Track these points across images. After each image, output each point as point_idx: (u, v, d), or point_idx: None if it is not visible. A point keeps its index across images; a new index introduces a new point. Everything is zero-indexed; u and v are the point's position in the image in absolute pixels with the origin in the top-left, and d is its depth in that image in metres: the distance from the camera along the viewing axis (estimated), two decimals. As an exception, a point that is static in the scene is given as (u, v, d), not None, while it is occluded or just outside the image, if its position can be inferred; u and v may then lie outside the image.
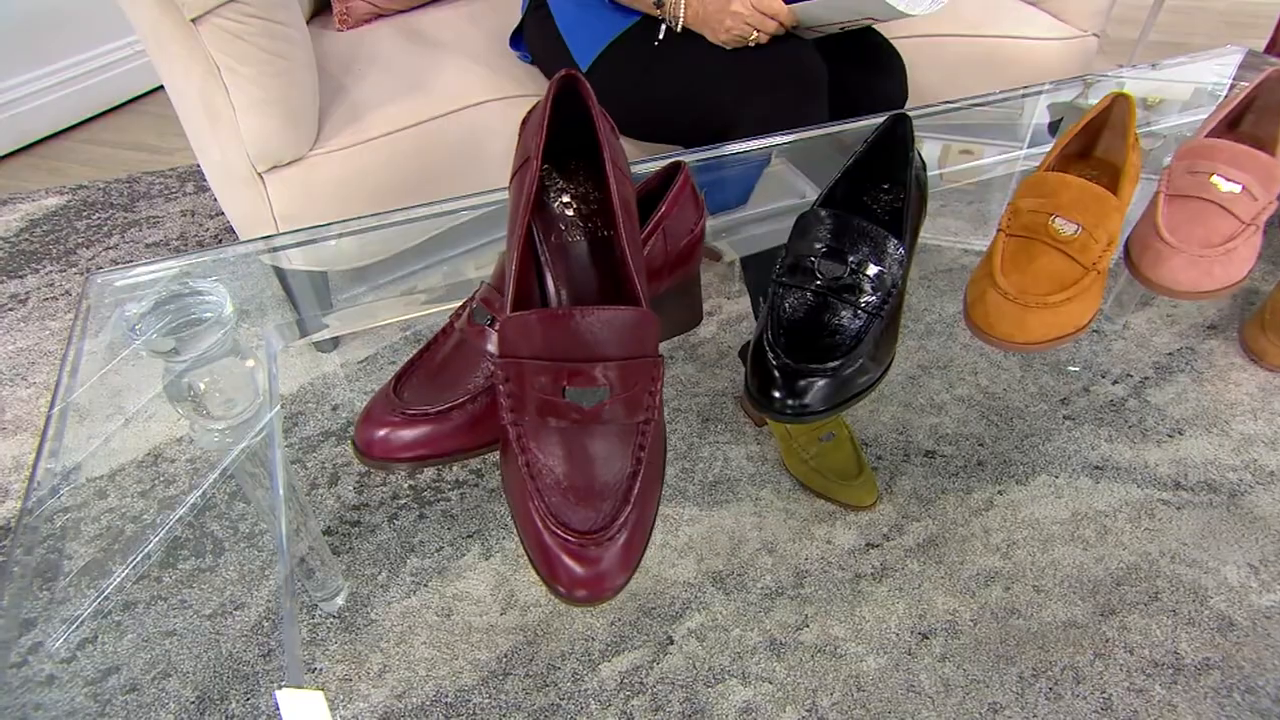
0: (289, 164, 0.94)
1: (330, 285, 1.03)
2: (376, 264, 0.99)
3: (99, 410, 0.76)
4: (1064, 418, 1.00)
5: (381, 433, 0.44)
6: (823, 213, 0.50)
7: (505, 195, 0.88)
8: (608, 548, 0.36)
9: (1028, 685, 0.74)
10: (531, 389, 0.37)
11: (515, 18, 1.16)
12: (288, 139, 0.91)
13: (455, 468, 0.98)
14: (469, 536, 0.89)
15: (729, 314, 1.26)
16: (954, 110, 0.98)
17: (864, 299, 0.48)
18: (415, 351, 0.48)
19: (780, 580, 0.85)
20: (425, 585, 0.84)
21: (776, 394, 0.46)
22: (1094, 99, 1.14)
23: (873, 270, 0.48)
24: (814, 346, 0.47)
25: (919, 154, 0.55)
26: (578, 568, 0.35)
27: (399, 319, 1.12)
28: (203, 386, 0.63)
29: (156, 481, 0.96)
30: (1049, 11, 1.22)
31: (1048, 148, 1.04)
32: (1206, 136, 0.60)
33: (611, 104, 1.10)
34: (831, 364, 0.45)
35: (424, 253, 0.97)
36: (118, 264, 1.39)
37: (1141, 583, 0.82)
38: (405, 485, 0.95)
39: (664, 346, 0.49)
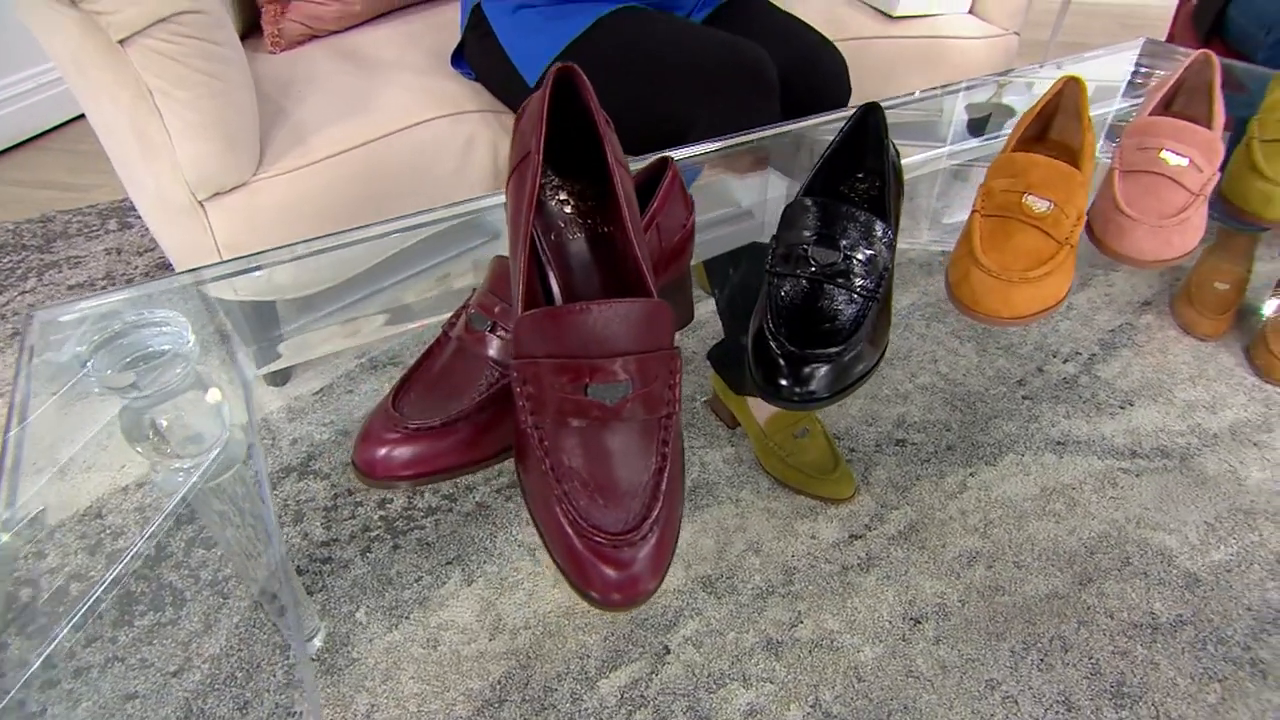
0: (231, 190, 0.90)
1: (279, 316, 0.99)
2: (325, 291, 0.95)
3: (27, 463, 0.70)
4: (1023, 398, 1.04)
5: (383, 451, 0.42)
6: (808, 201, 0.51)
7: (454, 212, 0.87)
8: (640, 548, 0.35)
9: (1020, 659, 0.76)
10: (552, 389, 0.36)
11: (454, 35, 1.15)
12: (229, 164, 0.88)
13: (427, 493, 0.95)
14: (448, 563, 0.86)
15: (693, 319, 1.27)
16: (889, 108, 1.02)
17: (858, 283, 0.48)
18: (410, 364, 0.46)
19: (770, 579, 0.85)
20: (407, 618, 0.81)
21: (783, 382, 0.46)
22: (1008, 98, 1.20)
23: (864, 254, 0.49)
24: (813, 333, 0.48)
25: (892, 142, 0.57)
26: (612, 571, 0.35)
27: (355, 345, 1.09)
28: (165, 423, 0.59)
29: (103, 535, 0.90)
30: (973, 12, 1.28)
31: (968, 145, 1.09)
32: (1149, 116, 0.64)
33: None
34: (834, 349, 0.46)
35: (376, 276, 0.94)
36: (37, 309, 1.30)
37: (1112, 549, 0.85)
38: (376, 516, 0.91)
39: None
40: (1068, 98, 0.63)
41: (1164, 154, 0.59)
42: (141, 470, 0.93)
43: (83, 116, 1.96)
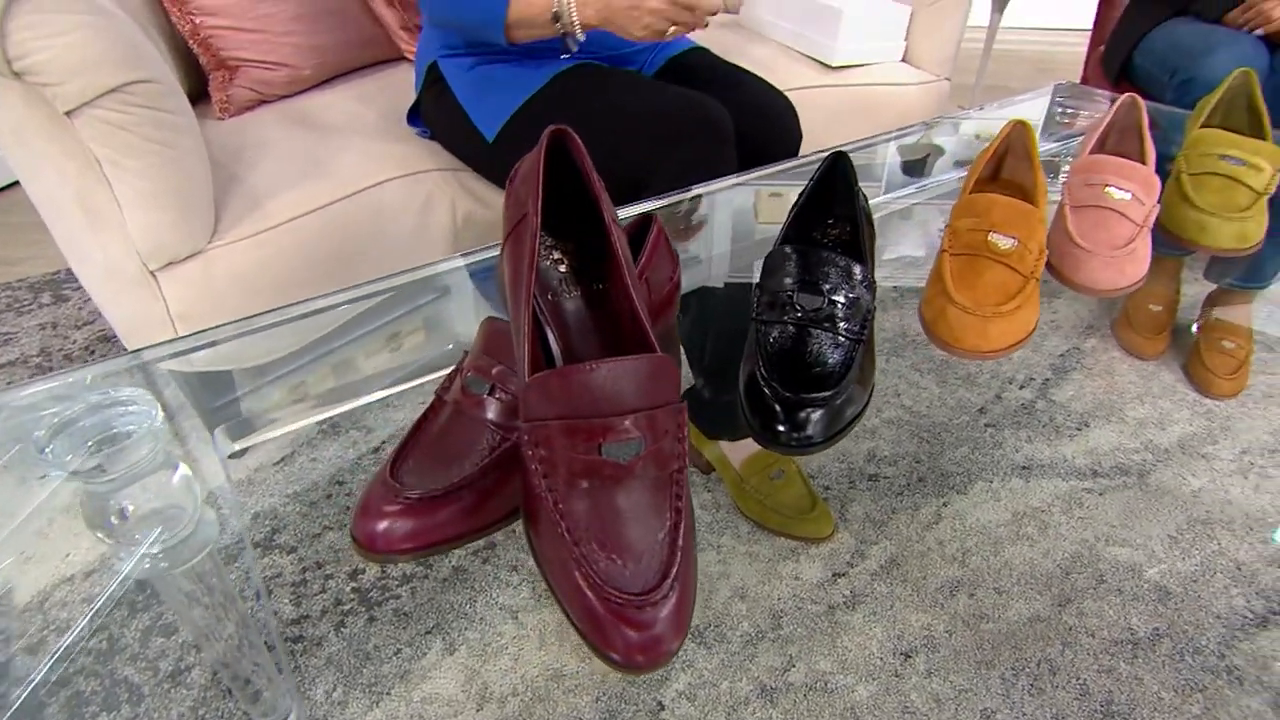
0: (185, 259, 0.88)
1: (235, 384, 0.96)
2: (283, 357, 0.93)
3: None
4: (985, 425, 1.07)
5: (383, 525, 0.41)
6: (788, 249, 0.53)
7: (414, 277, 0.86)
8: (662, 607, 0.35)
9: (1011, 685, 0.77)
10: (565, 451, 0.35)
11: (406, 95, 1.16)
12: (183, 233, 0.86)
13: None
14: (428, 633, 0.83)
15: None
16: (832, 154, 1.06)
17: (843, 326, 0.50)
18: (406, 432, 0.45)
19: (758, 625, 0.84)
20: (388, 694, 0.77)
21: (781, 428, 0.47)
22: (938, 138, 1.27)
23: (846, 297, 0.50)
24: (804, 378, 0.48)
25: (861, 188, 0.59)
26: (634, 633, 0.34)
27: (323, 417, 1.06)
28: (131, 507, 0.56)
29: (46, 632, 0.84)
30: (906, 60, 1.35)
31: (907, 192, 1.14)
32: (1090, 155, 0.68)
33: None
34: (826, 394, 0.46)
35: (327, 337, 0.92)
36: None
37: (1086, 568, 0.87)
38: (348, 589, 0.88)
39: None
40: (1016, 140, 0.67)
41: (1109, 189, 0.63)
42: (90, 558, 0.87)
43: (9, 187, 1.89)
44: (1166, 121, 1.06)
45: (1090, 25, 1.56)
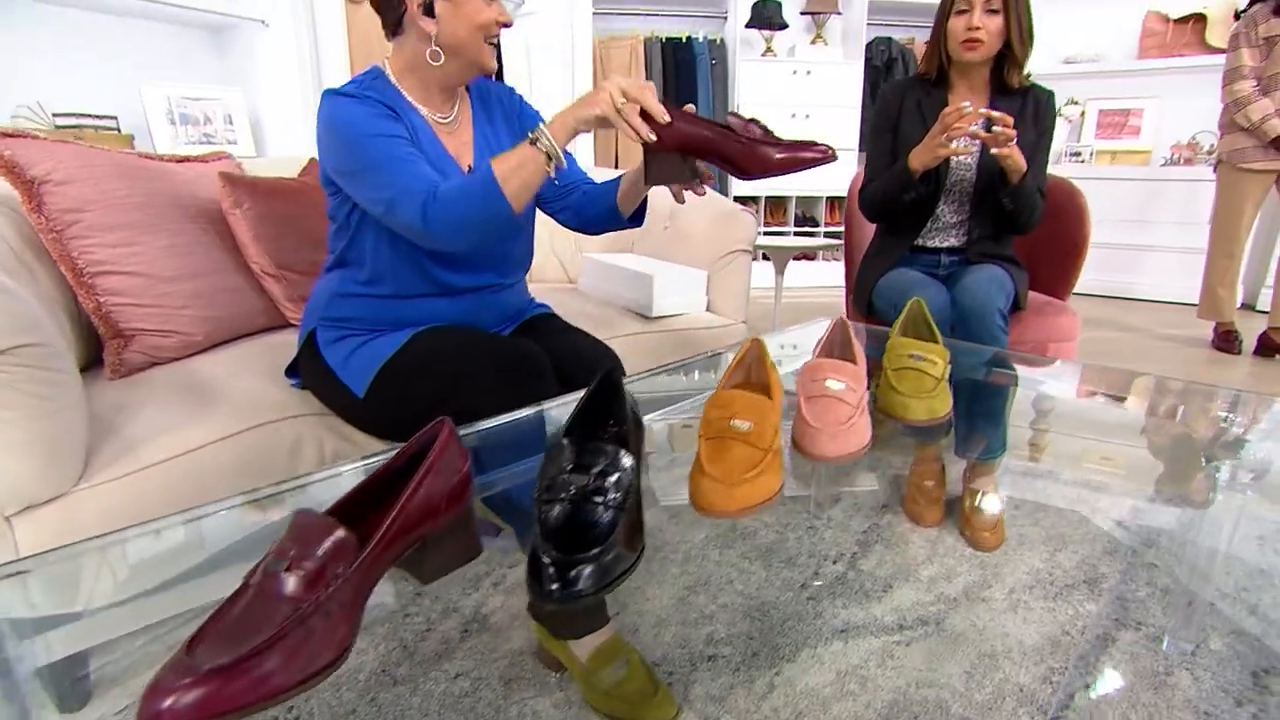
0: (45, 502, 0.85)
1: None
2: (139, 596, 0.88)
3: None
4: (807, 599, 1.11)
5: (169, 700, 0.40)
6: (564, 441, 0.60)
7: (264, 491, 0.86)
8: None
9: (844, 840, 0.73)
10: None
11: (288, 355, 1.23)
12: (48, 478, 0.84)
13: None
14: None
15: (513, 580, 1.24)
16: (653, 376, 1.20)
17: (610, 495, 0.56)
18: (204, 619, 0.45)
19: (610, 818, 0.78)
20: None
21: (552, 586, 0.50)
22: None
23: (612, 477, 0.57)
24: (578, 541, 0.53)
25: (630, 394, 0.68)
26: None
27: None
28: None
29: None
30: (710, 310, 1.58)
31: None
32: (815, 359, 0.83)
33: (389, 413, 1.16)
34: (593, 551, 0.51)
35: (178, 583, 0.88)
36: None
37: (903, 713, 0.88)
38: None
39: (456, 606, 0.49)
40: (754, 352, 0.81)
41: (828, 383, 0.76)
42: None
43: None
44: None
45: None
